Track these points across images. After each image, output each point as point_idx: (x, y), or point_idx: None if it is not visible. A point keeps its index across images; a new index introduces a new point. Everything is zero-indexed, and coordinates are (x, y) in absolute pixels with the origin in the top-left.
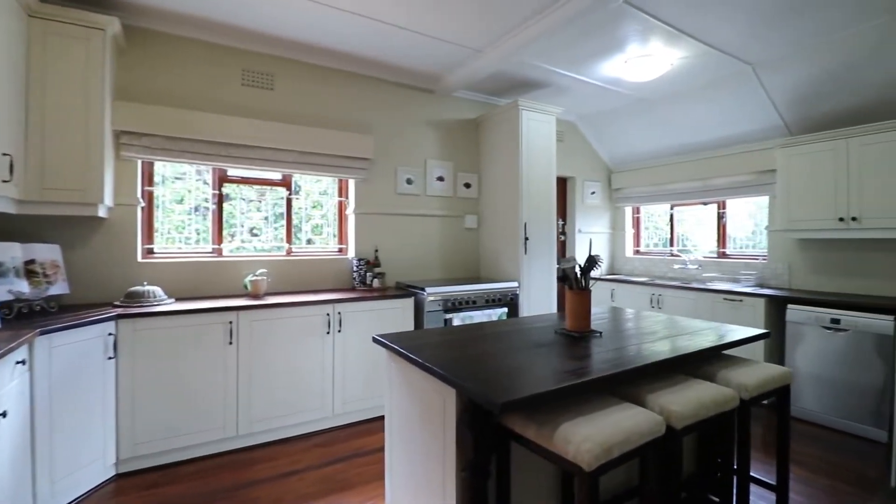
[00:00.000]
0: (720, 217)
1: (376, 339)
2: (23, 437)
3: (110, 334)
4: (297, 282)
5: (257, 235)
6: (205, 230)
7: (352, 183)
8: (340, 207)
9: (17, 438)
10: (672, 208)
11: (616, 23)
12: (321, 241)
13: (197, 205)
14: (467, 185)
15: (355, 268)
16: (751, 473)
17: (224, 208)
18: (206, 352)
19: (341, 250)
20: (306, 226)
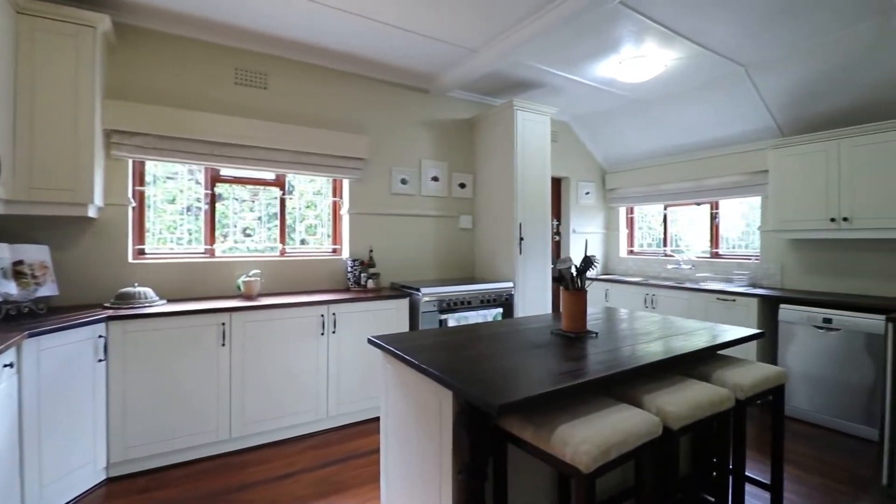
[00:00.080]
0: (713, 217)
1: (372, 341)
2: (11, 441)
3: (100, 336)
4: (291, 282)
5: (250, 236)
6: (197, 230)
7: (346, 183)
8: (335, 207)
9: (4, 442)
10: (665, 208)
11: (611, 23)
12: (315, 241)
13: (189, 205)
14: (462, 186)
15: (350, 268)
16: (746, 473)
17: (217, 208)
18: (199, 354)
19: (335, 251)
20: (300, 226)
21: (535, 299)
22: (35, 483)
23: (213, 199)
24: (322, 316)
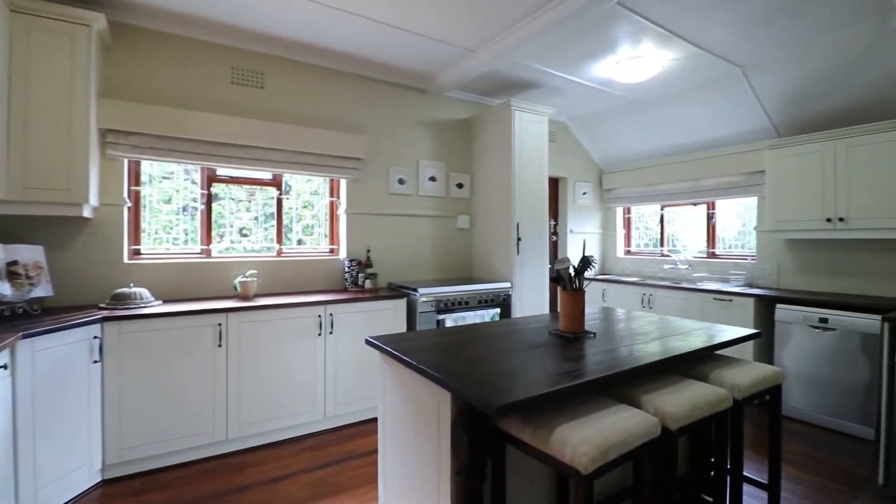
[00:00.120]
0: (710, 217)
1: (370, 342)
2: (5, 443)
3: (96, 337)
4: (288, 283)
5: (247, 236)
6: (193, 231)
7: (343, 183)
8: (332, 208)
9: None
10: (662, 209)
11: (608, 24)
12: (312, 241)
13: (185, 205)
14: (460, 186)
15: (347, 268)
16: (743, 473)
17: (213, 208)
18: (195, 354)
19: (333, 251)
20: (297, 226)
21: (532, 299)
22: (30, 485)
23: (209, 199)
24: (319, 316)
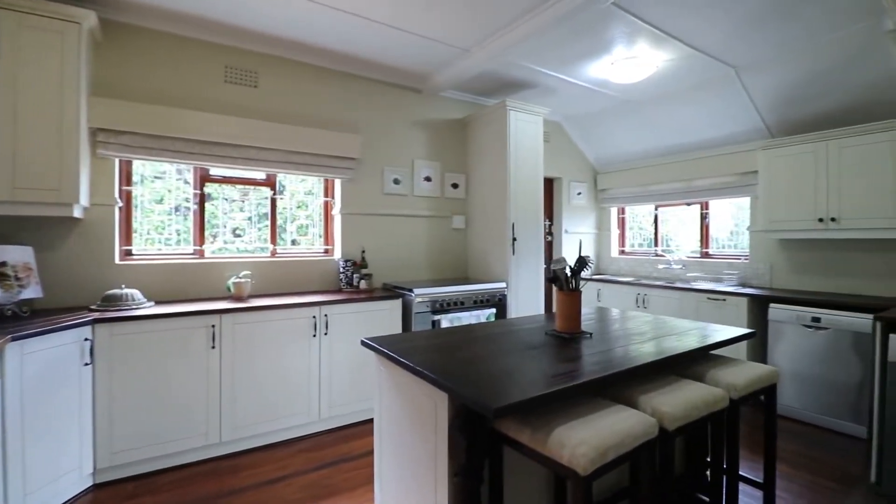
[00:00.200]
0: (703, 217)
1: (366, 343)
2: None
3: (86, 339)
4: (282, 283)
5: (240, 236)
6: (186, 231)
7: (338, 183)
8: (326, 208)
9: None
10: (656, 209)
11: (603, 24)
12: (306, 241)
13: (177, 205)
14: (455, 186)
15: (342, 269)
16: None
17: (206, 208)
18: (188, 356)
19: (327, 251)
20: (291, 226)
21: (528, 299)
22: (19, 490)
23: (202, 199)
24: (314, 317)
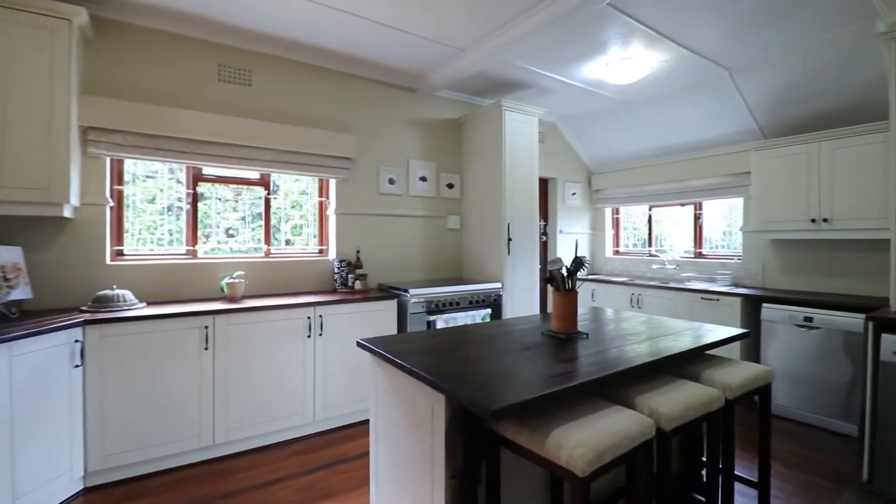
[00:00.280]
0: (696, 218)
1: (361, 344)
2: None
3: (77, 341)
4: (276, 284)
5: (234, 236)
6: (178, 231)
7: (333, 183)
8: (321, 208)
9: None
10: (650, 209)
11: (599, 24)
12: (301, 242)
13: (170, 204)
14: (450, 186)
15: (336, 269)
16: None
17: (199, 208)
18: (181, 358)
19: (322, 251)
20: (285, 226)
21: (523, 300)
22: (7, 495)
23: (194, 199)
24: (308, 318)
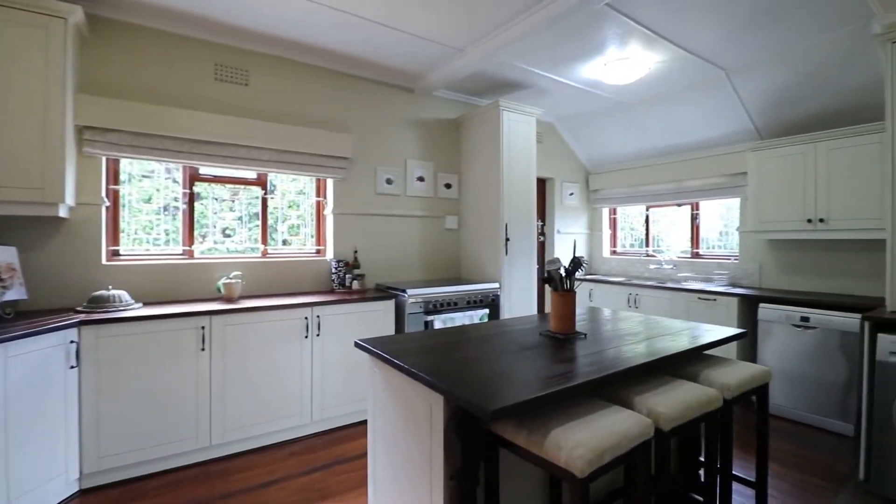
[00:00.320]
0: (693, 218)
1: (359, 345)
2: None
3: (72, 342)
4: (274, 284)
5: (230, 236)
6: (174, 231)
7: (330, 182)
8: (318, 207)
9: None
10: (647, 209)
11: (597, 25)
12: (298, 241)
13: (166, 204)
14: (448, 186)
15: (334, 269)
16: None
17: (195, 208)
18: (177, 359)
19: (319, 251)
20: (282, 226)
21: (521, 300)
22: (2, 497)
23: (191, 199)
24: (306, 318)
